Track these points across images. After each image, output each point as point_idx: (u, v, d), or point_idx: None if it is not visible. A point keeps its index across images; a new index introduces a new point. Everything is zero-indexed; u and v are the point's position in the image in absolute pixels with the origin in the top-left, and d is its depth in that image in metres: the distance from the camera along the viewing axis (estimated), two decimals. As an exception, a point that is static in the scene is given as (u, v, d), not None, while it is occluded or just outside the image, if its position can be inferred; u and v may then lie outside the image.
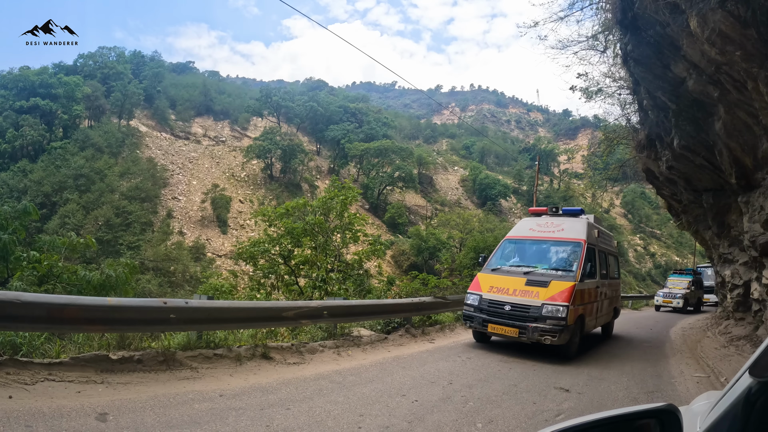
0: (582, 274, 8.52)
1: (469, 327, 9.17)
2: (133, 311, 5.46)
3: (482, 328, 8.69)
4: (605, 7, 10.36)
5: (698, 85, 7.49)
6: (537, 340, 7.87)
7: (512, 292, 8.47)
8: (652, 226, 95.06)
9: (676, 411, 1.25)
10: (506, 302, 8.38)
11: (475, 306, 8.80)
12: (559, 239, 9.49)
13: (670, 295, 25.02)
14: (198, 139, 79.21)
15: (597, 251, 9.82)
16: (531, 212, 11.17)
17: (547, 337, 7.78)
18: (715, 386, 6.98)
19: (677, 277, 26.98)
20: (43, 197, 48.19)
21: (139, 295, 22.31)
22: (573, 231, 9.47)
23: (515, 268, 9.30)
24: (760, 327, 10.63)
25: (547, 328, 7.80)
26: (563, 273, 8.68)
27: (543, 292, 8.17)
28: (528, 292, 8.33)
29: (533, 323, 7.94)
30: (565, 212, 10.51)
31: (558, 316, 7.80)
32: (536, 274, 8.78)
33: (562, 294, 8.02)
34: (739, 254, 11.96)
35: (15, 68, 65.37)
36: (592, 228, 9.98)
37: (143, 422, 3.88)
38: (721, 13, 5.60)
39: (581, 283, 8.44)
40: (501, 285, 8.77)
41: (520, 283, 8.58)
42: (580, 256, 8.80)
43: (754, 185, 8.57)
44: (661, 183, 14.38)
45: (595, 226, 10.37)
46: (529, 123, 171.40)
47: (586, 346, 9.69)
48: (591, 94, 15.20)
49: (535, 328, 7.88)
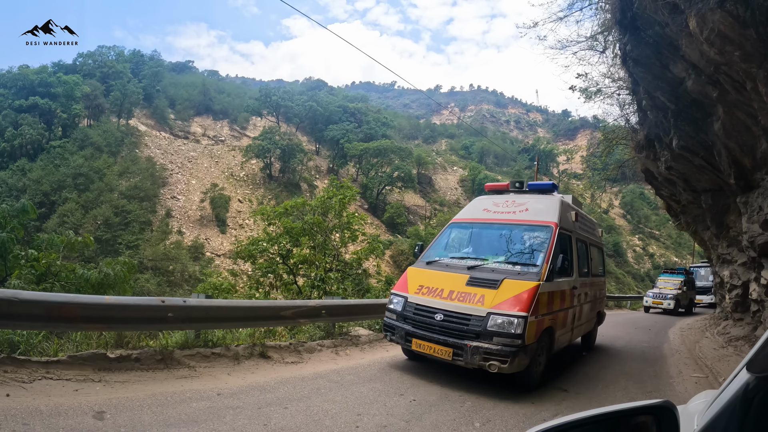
0: (550, 270, 6.19)
1: (389, 341, 6.77)
2: (131, 310, 5.45)
3: (405, 344, 6.29)
4: (604, 8, 10.37)
5: (697, 85, 7.49)
6: (478, 365, 5.51)
7: (447, 295, 6.10)
8: (651, 227, 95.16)
9: (672, 407, 1.25)
10: (438, 309, 6.01)
11: (397, 313, 6.46)
12: (520, 222, 7.06)
13: (660, 296, 23.41)
14: (197, 138, 79.16)
15: (574, 240, 7.58)
16: (488, 189, 8.35)
17: (494, 363, 5.40)
18: (713, 386, 6.98)
19: (668, 277, 25.18)
20: (42, 196, 48.15)
21: (137, 294, 22.33)
22: (540, 212, 7.07)
23: (457, 260, 6.88)
24: (759, 327, 10.65)
25: (494, 350, 5.41)
26: (523, 268, 6.30)
27: (490, 295, 5.81)
28: (469, 295, 5.94)
29: (474, 341, 5.57)
30: (533, 188, 7.90)
31: (510, 331, 5.46)
32: (484, 270, 6.38)
33: (518, 299, 5.69)
34: (738, 255, 11.98)
35: (14, 67, 65.39)
36: (568, 209, 7.59)
37: (141, 421, 3.88)
38: (720, 13, 5.60)
39: (549, 282, 6.17)
40: (434, 284, 6.39)
41: (460, 283, 6.18)
42: (549, 245, 6.45)
43: (753, 186, 8.58)
44: (660, 183, 14.39)
45: (573, 207, 7.97)
46: (529, 123, 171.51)
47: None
48: (590, 95, 15.22)
49: (476, 348, 5.48)
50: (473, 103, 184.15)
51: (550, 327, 6.27)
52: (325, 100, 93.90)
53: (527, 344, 5.52)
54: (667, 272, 26.74)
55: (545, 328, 6.07)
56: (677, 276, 24.91)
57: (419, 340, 6.06)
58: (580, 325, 8.10)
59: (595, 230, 10.00)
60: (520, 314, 5.52)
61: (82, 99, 63.73)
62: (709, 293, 27.23)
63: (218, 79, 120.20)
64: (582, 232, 8.39)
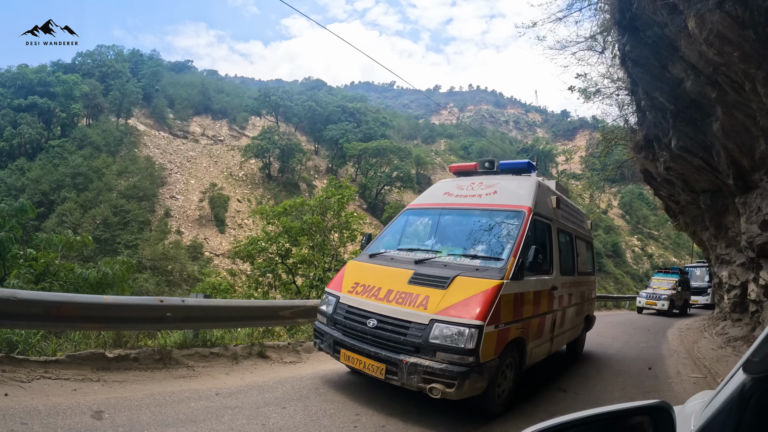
0: (519, 266, 4.93)
1: (318, 349, 5.47)
2: (129, 309, 5.45)
3: (334, 354, 5.08)
4: (604, 8, 10.40)
5: (696, 86, 7.50)
6: (417, 388, 4.33)
7: (384, 296, 4.91)
8: (649, 227, 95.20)
9: (669, 408, 1.25)
10: (371, 313, 4.84)
11: (327, 315, 5.33)
12: (485, 207, 5.84)
13: (654, 296, 22.61)
14: (196, 138, 79.08)
15: (554, 230, 6.36)
16: (453, 170, 7.18)
17: (436, 386, 4.20)
18: (712, 386, 6.97)
19: (662, 277, 24.33)
20: (41, 195, 48.04)
21: (136, 293, 22.33)
22: (511, 194, 5.88)
23: (405, 253, 5.72)
24: (757, 328, 10.66)
25: (437, 369, 4.21)
26: (484, 263, 5.06)
27: (437, 297, 4.60)
28: (410, 296, 4.75)
29: (411, 356, 4.39)
30: (505, 168, 6.71)
31: (459, 345, 4.23)
32: (434, 265, 5.18)
33: (472, 302, 4.45)
34: (737, 255, 11.99)
35: (13, 66, 65.27)
36: (547, 193, 6.44)
37: (139, 420, 3.88)
38: (719, 14, 5.61)
39: (517, 281, 4.92)
40: (371, 282, 5.22)
41: (402, 280, 4.99)
42: (518, 233, 5.22)
43: (752, 186, 8.59)
44: (658, 184, 14.40)
45: (554, 192, 6.81)
46: (528, 123, 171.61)
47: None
48: (589, 95, 15.29)
49: (413, 366, 4.30)
50: (472, 103, 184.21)
51: (520, 338, 5.03)
52: (324, 99, 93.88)
53: (483, 362, 4.28)
54: (662, 272, 26.00)
55: (512, 340, 4.83)
56: (672, 276, 24.16)
57: (348, 351, 4.86)
58: (563, 333, 6.82)
59: (583, 222, 8.73)
60: (473, 323, 4.27)
61: (81, 98, 63.61)
62: (704, 294, 27.08)
63: (217, 78, 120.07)
64: (566, 222, 7.15)
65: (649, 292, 23.30)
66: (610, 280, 65.69)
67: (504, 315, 4.61)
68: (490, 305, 4.43)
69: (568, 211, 7.58)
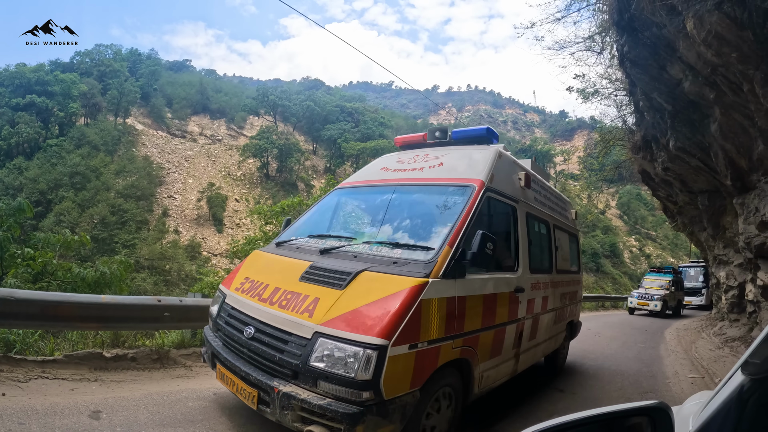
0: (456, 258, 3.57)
1: (203, 361, 4.29)
2: (127, 309, 5.43)
3: (213, 368, 3.98)
4: (602, 9, 10.41)
5: (694, 86, 7.51)
6: (293, 428, 3.11)
7: (269, 295, 3.69)
8: (647, 228, 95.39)
9: (667, 409, 1.25)
10: (250, 318, 3.66)
11: (213, 319, 4.24)
12: (425, 182, 4.54)
13: (646, 297, 21.40)
14: (194, 137, 79.07)
15: (521, 214, 4.93)
16: (398, 143, 5.80)
17: (314, 430, 2.96)
18: (709, 387, 7.01)
19: (655, 276, 23.19)
20: (39, 195, 48.06)
21: (133, 293, 22.28)
22: (460, 167, 4.52)
23: (316, 240, 4.41)
24: (755, 328, 10.68)
25: (317, 406, 2.95)
26: (406, 253, 3.69)
27: (328, 300, 3.33)
28: (297, 297, 3.49)
29: (288, 383, 3.17)
30: (460, 137, 5.31)
31: (347, 375, 2.94)
32: (339, 256, 3.89)
33: (374, 309, 3.14)
34: (734, 256, 12.03)
35: (11, 65, 65.28)
36: (513, 168, 5.06)
37: (137, 420, 3.86)
38: (718, 14, 5.62)
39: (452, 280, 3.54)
40: (263, 276, 4.04)
41: (295, 276, 3.74)
42: (460, 214, 3.85)
43: (750, 187, 8.60)
44: (656, 184, 14.43)
45: (522, 167, 5.38)
46: (526, 124, 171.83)
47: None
48: (587, 96, 15.33)
49: (287, 397, 3.06)
50: (470, 103, 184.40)
51: (463, 359, 3.70)
52: (323, 99, 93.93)
53: (389, 399, 2.97)
54: (654, 271, 24.87)
55: (447, 363, 3.47)
56: (665, 275, 23.10)
57: (223, 367, 3.72)
58: (535, 347, 5.47)
59: (565, 210, 7.37)
60: (371, 341, 2.91)
61: (79, 97, 63.65)
62: (698, 294, 26.48)
63: (216, 78, 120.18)
64: (540, 207, 5.79)
65: (641, 292, 22.21)
66: (607, 280, 65.86)
67: (429, 328, 3.21)
68: (402, 315, 3.01)
69: (545, 195, 6.22)
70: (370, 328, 2.97)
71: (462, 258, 3.57)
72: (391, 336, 2.93)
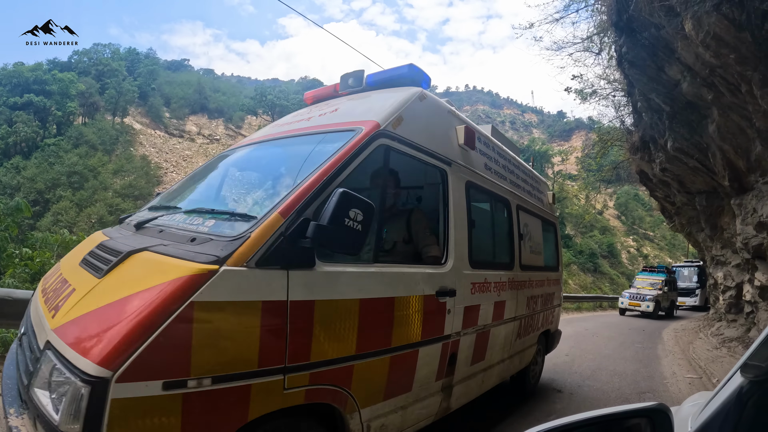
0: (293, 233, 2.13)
1: None
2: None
3: None
4: (600, 9, 10.44)
5: (692, 87, 7.54)
6: None
7: (50, 285, 2.70)
8: (645, 228, 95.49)
9: (666, 410, 1.25)
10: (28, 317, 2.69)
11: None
12: (303, 131, 3.27)
13: (638, 297, 20.56)
14: (192, 137, 78.93)
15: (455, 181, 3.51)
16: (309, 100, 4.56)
17: None
18: (707, 387, 7.03)
19: (648, 276, 22.51)
20: (36, 194, 47.95)
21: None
22: (357, 110, 3.23)
23: (150, 213, 3.08)
24: (752, 329, 10.71)
25: None
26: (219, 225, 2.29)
27: (78, 292, 2.09)
28: (59, 289, 2.37)
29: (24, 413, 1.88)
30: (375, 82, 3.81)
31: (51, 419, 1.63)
32: (147, 231, 2.58)
33: (115, 313, 1.77)
34: (732, 256, 12.06)
35: (9, 64, 65.17)
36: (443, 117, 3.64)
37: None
38: (716, 16, 5.64)
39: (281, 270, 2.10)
40: (66, 260, 3.09)
41: (79, 258, 2.66)
42: (322, 165, 2.41)
43: (747, 188, 8.63)
44: (654, 185, 14.47)
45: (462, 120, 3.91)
46: (524, 124, 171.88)
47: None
48: (586, 96, 15.34)
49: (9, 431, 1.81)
50: (469, 103, 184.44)
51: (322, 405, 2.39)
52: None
53: None
54: (647, 270, 24.36)
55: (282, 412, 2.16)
56: (657, 275, 22.37)
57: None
58: (484, 371, 4.08)
59: (539, 191, 6.06)
60: (86, 369, 1.60)
61: (77, 97, 63.53)
62: (692, 295, 26.15)
63: (214, 77, 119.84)
64: (493, 179, 4.35)
65: (633, 292, 21.24)
66: (605, 280, 65.89)
67: (220, 354, 1.89)
68: (147, 327, 1.70)
69: (504, 165, 4.76)
70: (92, 346, 1.68)
71: (301, 234, 2.14)
72: (116, 363, 1.61)
